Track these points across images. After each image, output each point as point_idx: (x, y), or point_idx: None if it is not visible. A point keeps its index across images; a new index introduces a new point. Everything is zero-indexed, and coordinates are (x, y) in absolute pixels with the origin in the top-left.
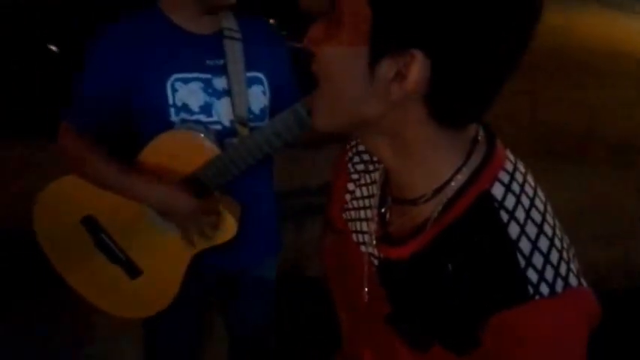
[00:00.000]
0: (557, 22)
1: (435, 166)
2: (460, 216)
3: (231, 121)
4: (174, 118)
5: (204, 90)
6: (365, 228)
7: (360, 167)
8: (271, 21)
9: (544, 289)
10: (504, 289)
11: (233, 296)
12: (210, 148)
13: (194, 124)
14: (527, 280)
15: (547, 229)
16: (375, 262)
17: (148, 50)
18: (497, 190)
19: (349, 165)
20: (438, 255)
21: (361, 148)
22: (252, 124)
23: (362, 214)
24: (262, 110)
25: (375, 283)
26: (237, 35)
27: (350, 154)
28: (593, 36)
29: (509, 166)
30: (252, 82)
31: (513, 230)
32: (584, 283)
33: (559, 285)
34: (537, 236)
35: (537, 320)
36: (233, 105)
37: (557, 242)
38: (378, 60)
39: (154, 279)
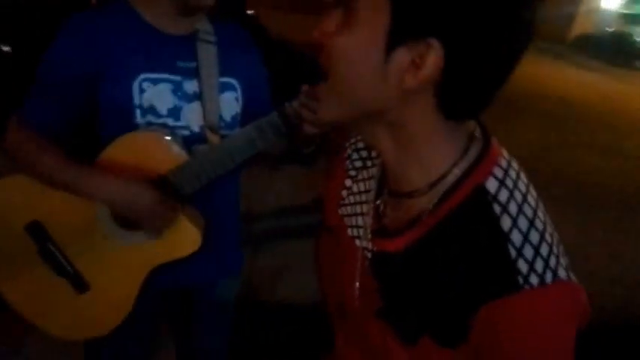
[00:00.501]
0: None
1: (433, 160)
2: (455, 208)
3: (201, 127)
4: (139, 120)
5: (174, 92)
6: (360, 222)
7: (358, 164)
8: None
9: (534, 279)
10: (494, 279)
11: (187, 317)
12: (178, 153)
13: (160, 128)
14: (518, 271)
15: (538, 223)
16: (369, 255)
17: (115, 45)
18: (491, 185)
19: (347, 162)
20: (432, 246)
21: (360, 145)
22: (222, 132)
23: (358, 208)
24: (234, 118)
25: (367, 277)
26: (212, 39)
27: (349, 151)
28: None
29: (504, 163)
30: (224, 87)
31: (505, 223)
32: (574, 278)
33: (548, 276)
34: (528, 229)
35: (526, 310)
36: (204, 110)
37: (547, 237)
38: (393, 49)
39: (104, 295)
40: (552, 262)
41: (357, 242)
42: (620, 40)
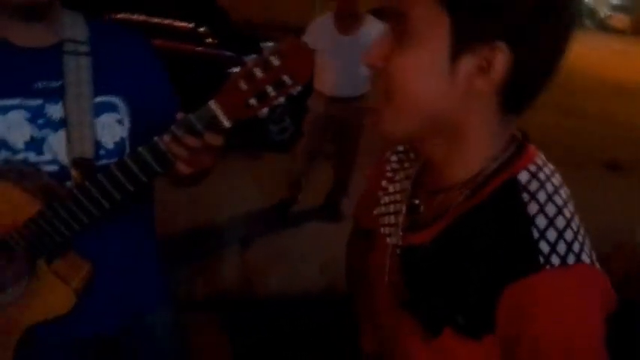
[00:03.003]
0: None
1: (478, 157)
2: (484, 199)
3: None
4: None
5: (32, 121)
6: (393, 220)
7: (396, 165)
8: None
9: (555, 260)
10: (516, 259)
11: None
12: (27, 202)
13: (21, 164)
14: (539, 251)
15: (566, 212)
16: (398, 251)
17: None
18: (523, 177)
19: (386, 164)
20: (458, 234)
21: (400, 148)
22: (103, 162)
23: (392, 207)
24: (118, 144)
25: (396, 274)
26: (84, 49)
27: (387, 153)
28: None
29: (539, 161)
30: (102, 109)
31: (532, 208)
32: (598, 266)
33: (571, 258)
34: (555, 215)
35: (548, 289)
36: (69, 139)
37: (573, 225)
38: (458, 58)
39: None
40: (576, 246)
41: (388, 240)
42: None
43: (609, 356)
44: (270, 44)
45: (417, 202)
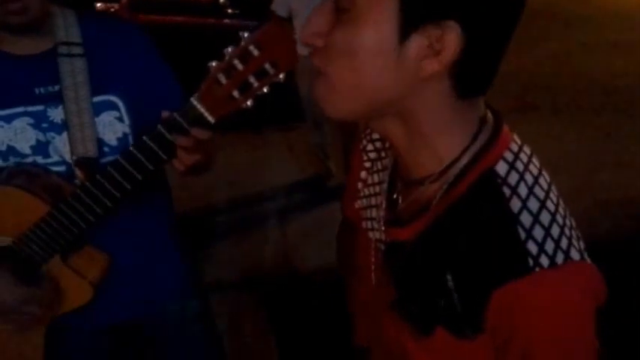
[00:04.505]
0: None
1: (444, 145)
2: (464, 193)
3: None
4: (1, 164)
5: (36, 126)
6: (374, 214)
7: (373, 155)
8: None
9: (544, 260)
10: (505, 262)
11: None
12: (35, 206)
13: (32, 167)
14: (527, 252)
15: (549, 205)
16: (382, 247)
17: None
18: (501, 168)
19: (363, 154)
20: (442, 232)
21: (375, 136)
22: (108, 159)
23: (373, 200)
24: (121, 140)
25: (382, 270)
26: (78, 50)
27: (364, 142)
28: None
29: (515, 147)
30: (101, 108)
31: (515, 204)
32: (587, 260)
33: (559, 257)
34: (539, 210)
35: (537, 292)
36: (70, 140)
37: (559, 218)
38: (407, 37)
39: (17, 342)
40: (564, 243)
41: (371, 234)
42: None
43: (602, 349)
44: (247, 34)
45: (395, 196)
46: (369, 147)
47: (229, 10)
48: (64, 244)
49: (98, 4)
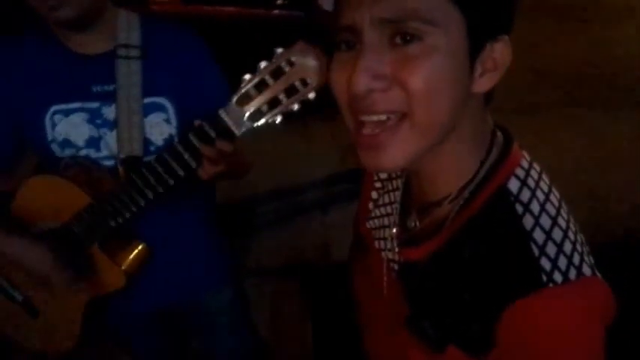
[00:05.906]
0: None
1: (468, 161)
2: (478, 211)
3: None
4: (59, 154)
5: (90, 122)
6: (387, 234)
7: (384, 175)
8: None
9: (557, 277)
10: (518, 278)
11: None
12: (79, 196)
13: (84, 160)
14: (541, 269)
15: (561, 221)
16: (395, 267)
17: (26, 79)
18: (513, 185)
19: (373, 174)
20: (455, 250)
21: None
22: (153, 157)
23: (385, 221)
24: (166, 140)
25: (395, 289)
26: (135, 53)
27: None
28: None
29: (525, 164)
30: (150, 109)
31: (528, 222)
32: (599, 276)
33: (572, 273)
34: (551, 227)
35: (551, 307)
36: (118, 138)
37: (570, 234)
38: (475, 59)
39: (52, 321)
40: (576, 259)
41: (383, 254)
42: None
43: None
44: (280, 50)
45: (409, 218)
46: None
47: (279, 1)
48: (105, 232)
49: None
